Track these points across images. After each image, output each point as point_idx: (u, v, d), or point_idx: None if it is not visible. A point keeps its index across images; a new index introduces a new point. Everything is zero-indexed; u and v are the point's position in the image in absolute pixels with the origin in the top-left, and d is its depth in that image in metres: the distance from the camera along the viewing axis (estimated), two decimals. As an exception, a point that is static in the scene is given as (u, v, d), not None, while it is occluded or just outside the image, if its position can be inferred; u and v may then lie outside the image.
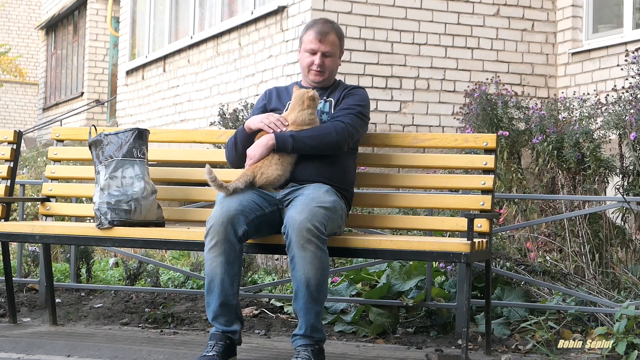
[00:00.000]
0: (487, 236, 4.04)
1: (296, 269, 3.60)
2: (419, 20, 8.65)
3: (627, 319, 3.96)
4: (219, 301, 3.70)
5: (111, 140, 4.22)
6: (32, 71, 24.89)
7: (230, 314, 3.74)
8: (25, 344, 4.14)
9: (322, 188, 3.84)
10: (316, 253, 3.59)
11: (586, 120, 5.83)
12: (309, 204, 3.66)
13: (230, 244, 3.68)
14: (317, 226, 3.59)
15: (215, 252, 3.68)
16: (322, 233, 3.61)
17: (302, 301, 3.62)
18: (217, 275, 3.69)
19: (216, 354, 3.66)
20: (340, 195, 3.94)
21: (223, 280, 3.69)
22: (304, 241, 3.57)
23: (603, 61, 8.50)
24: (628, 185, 5.50)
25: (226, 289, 3.70)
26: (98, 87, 17.39)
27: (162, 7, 12.38)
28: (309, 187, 3.86)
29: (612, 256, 5.13)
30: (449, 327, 4.67)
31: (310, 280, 3.59)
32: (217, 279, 3.69)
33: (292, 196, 3.86)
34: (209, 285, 3.72)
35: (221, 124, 8.61)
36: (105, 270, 6.18)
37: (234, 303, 3.74)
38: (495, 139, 4.15)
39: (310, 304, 3.62)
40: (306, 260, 3.58)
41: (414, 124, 8.63)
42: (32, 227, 4.33)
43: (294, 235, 3.59)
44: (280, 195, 3.89)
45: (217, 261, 3.68)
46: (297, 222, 3.59)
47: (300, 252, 3.58)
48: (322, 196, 3.75)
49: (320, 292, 3.63)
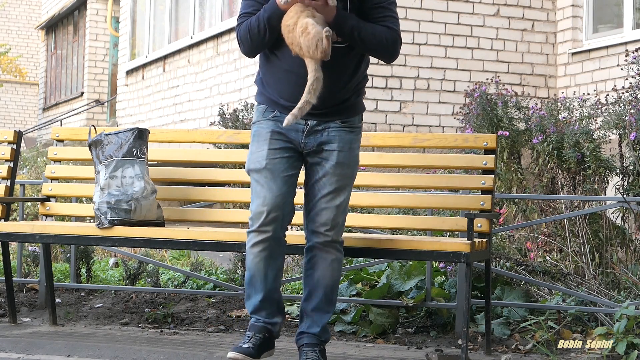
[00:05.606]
0: (487, 236, 4.04)
1: (315, 269, 3.60)
2: (419, 20, 8.65)
3: (627, 319, 3.96)
4: (261, 296, 3.58)
5: (111, 140, 4.22)
6: (32, 71, 24.89)
7: (272, 307, 3.63)
8: (25, 344, 4.13)
9: (347, 156, 3.59)
10: (337, 256, 3.61)
11: (586, 120, 5.83)
12: (333, 200, 3.56)
13: (276, 240, 3.57)
14: (339, 232, 3.61)
15: (260, 247, 3.55)
16: (342, 235, 3.64)
17: (316, 301, 3.61)
18: (260, 271, 3.56)
19: (252, 347, 3.54)
20: (359, 118, 3.69)
21: (266, 275, 3.57)
22: (328, 246, 3.59)
23: (603, 61, 8.50)
24: (628, 185, 5.50)
25: (269, 283, 3.58)
26: (98, 87, 17.40)
27: (162, 7, 12.39)
28: (334, 153, 3.56)
29: (612, 256, 5.13)
30: (449, 327, 4.66)
31: (328, 282, 3.60)
32: (260, 275, 3.57)
33: (315, 147, 3.57)
34: (251, 280, 3.59)
35: (221, 124, 8.61)
36: (105, 270, 6.18)
37: (276, 296, 3.63)
38: (495, 139, 4.15)
39: (325, 305, 3.62)
40: (326, 262, 3.59)
41: (414, 124, 8.63)
42: (32, 227, 4.33)
43: (317, 241, 3.58)
44: (302, 141, 3.58)
45: (261, 256, 3.55)
46: (321, 230, 3.57)
47: (323, 254, 3.59)
48: (347, 175, 3.59)
49: (334, 293, 3.66)
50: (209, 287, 5.37)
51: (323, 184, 3.58)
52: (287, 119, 3.42)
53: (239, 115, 8.55)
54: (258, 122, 3.64)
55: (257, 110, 3.66)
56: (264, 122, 3.61)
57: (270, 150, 3.56)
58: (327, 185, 3.57)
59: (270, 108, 3.61)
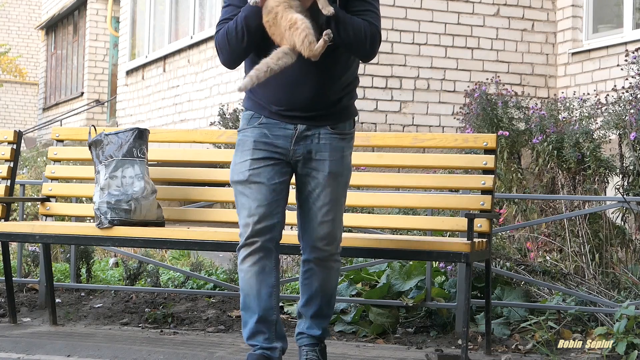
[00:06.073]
0: (487, 236, 4.04)
1: (313, 280, 3.51)
2: (419, 20, 8.65)
3: (627, 319, 3.96)
4: (257, 317, 3.37)
5: (111, 140, 4.22)
6: (32, 71, 24.89)
7: (270, 331, 3.39)
8: (25, 344, 4.13)
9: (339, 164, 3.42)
10: (334, 267, 3.53)
11: (586, 120, 5.83)
12: (328, 214, 3.40)
13: (266, 252, 3.37)
14: (336, 246, 3.49)
15: (249, 262, 3.37)
16: (339, 247, 3.52)
17: (315, 308, 3.53)
18: (253, 288, 3.36)
19: None
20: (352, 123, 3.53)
21: (260, 293, 3.36)
22: (325, 261, 3.49)
23: (603, 61, 8.50)
24: (628, 185, 5.51)
25: (264, 302, 3.37)
26: (98, 87, 17.40)
27: (162, 7, 12.38)
28: (325, 163, 3.40)
29: (612, 256, 5.13)
30: (449, 327, 4.66)
31: (326, 290, 3.53)
32: (253, 292, 3.37)
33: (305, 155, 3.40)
34: (245, 302, 3.40)
35: (221, 124, 8.61)
36: (105, 270, 6.18)
37: (274, 318, 3.40)
38: (495, 139, 4.15)
39: (325, 310, 3.56)
40: (324, 275, 3.51)
41: (414, 124, 8.63)
42: (32, 227, 4.33)
43: (313, 256, 3.47)
44: (291, 147, 3.40)
45: (252, 271, 3.36)
46: (317, 245, 3.44)
47: (320, 268, 3.49)
48: (340, 184, 3.43)
49: (334, 297, 3.60)
50: (209, 287, 5.37)
51: (317, 197, 3.40)
52: (243, 82, 3.24)
53: (239, 115, 8.54)
54: (243, 130, 3.45)
55: (243, 117, 3.49)
56: (249, 130, 3.43)
57: (253, 161, 3.38)
58: (322, 197, 3.39)
59: (256, 114, 3.43)
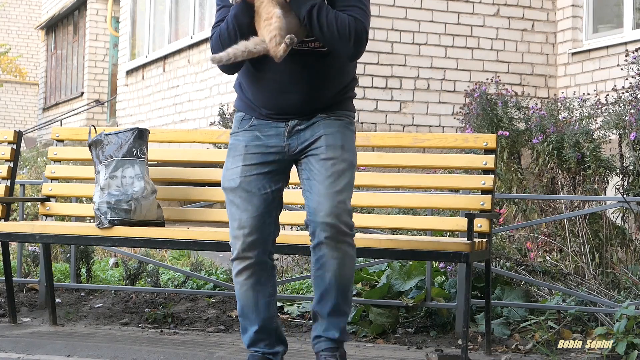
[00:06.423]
0: (487, 236, 4.04)
1: (325, 269, 3.24)
2: (419, 20, 8.65)
3: (627, 319, 3.96)
4: (257, 327, 3.32)
5: (111, 140, 4.22)
6: (32, 71, 24.90)
7: (271, 337, 3.35)
8: (25, 344, 4.13)
9: (337, 137, 3.29)
10: (348, 252, 3.25)
11: (586, 120, 5.83)
12: (333, 185, 3.21)
13: (260, 265, 3.30)
14: (347, 221, 3.23)
15: (244, 276, 3.31)
16: (352, 227, 3.26)
17: (331, 305, 3.28)
18: (250, 300, 3.31)
19: None
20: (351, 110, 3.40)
21: (257, 304, 3.31)
22: (336, 241, 3.21)
23: (603, 61, 8.50)
24: (628, 185, 5.51)
25: (262, 312, 3.32)
26: (98, 87, 17.40)
27: (162, 7, 12.38)
28: (321, 138, 3.28)
29: (612, 256, 5.13)
30: (449, 327, 4.66)
31: (341, 281, 3.26)
32: (250, 304, 3.32)
33: (300, 147, 3.31)
34: (242, 311, 3.34)
35: (221, 124, 8.61)
36: (105, 270, 6.18)
37: (273, 326, 3.36)
38: (495, 139, 4.15)
39: (342, 306, 3.31)
40: (338, 260, 3.22)
41: (414, 124, 8.63)
42: (32, 227, 4.33)
43: (323, 236, 3.20)
44: (284, 143, 3.33)
45: (248, 284, 3.30)
46: (325, 220, 3.18)
47: (332, 252, 3.22)
48: (341, 157, 3.26)
49: (350, 291, 3.33)
50: (209, 287, 5.37)
51: (318, 171, 3.25)
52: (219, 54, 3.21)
53: (239, 115, 8.54)
54: (235, 134, 3.38)
55: (235, 119, 3.41)
56: (241, 133, 3.35)
57: (245, 167, 3.29)
58: (323, 170, 3.23)
59: (247, 115, 3.37)
